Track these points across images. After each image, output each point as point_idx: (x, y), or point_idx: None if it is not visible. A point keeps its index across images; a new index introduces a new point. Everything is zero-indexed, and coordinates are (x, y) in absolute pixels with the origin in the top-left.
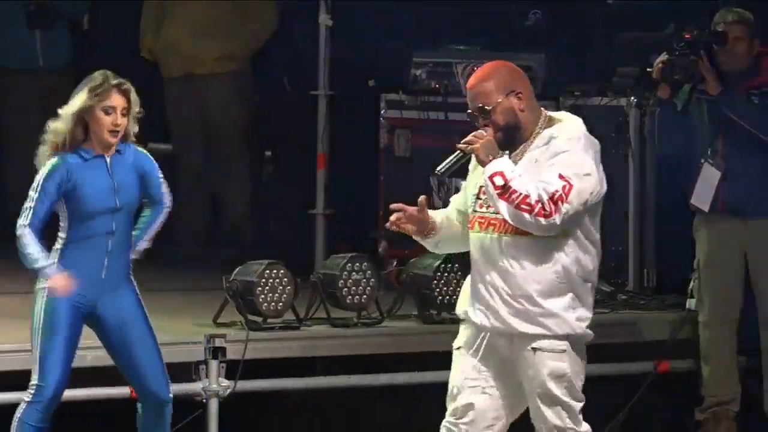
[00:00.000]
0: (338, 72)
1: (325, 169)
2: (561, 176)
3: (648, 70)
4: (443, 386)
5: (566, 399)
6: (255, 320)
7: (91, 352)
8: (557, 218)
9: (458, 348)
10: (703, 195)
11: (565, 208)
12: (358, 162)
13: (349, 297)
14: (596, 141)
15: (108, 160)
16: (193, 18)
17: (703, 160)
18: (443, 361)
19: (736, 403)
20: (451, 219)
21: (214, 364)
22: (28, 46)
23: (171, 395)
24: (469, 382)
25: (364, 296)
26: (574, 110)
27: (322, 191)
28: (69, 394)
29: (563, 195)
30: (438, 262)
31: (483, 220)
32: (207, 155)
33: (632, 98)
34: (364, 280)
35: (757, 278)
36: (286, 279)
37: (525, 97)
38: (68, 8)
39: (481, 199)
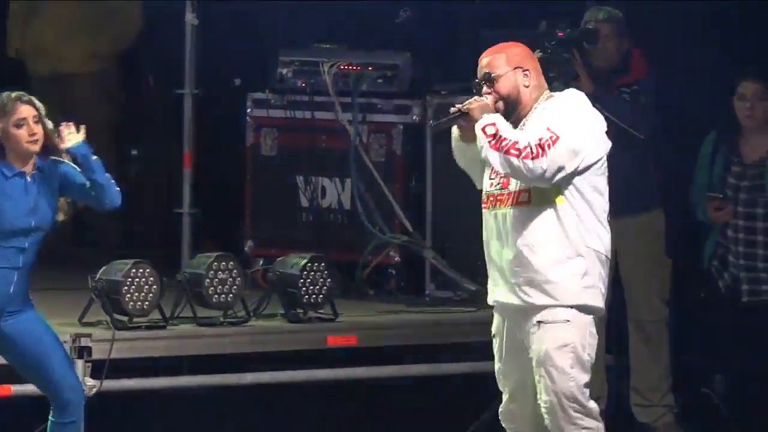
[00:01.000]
0: (205, 71)
1: (191, 168)
2: (549, 129)
3: None
4: (310, 385)
5: (571, 370)
6: (121, 319)
7: None
8: (543, 162)
9: (493, 335)
10: None
11: (551, 155)
12: (225, 161)
13: (216, 296)
14: (599, 115)
15: (27, 178)
16: (59, 17)
17: None
18: (311, 359)
19: (602, 401)
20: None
21: (79, 364)
22: None
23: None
24: (502, 368)
25: (231, 295)
26: (441, 109)
27: (188, 190)
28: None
29: (550, 142)
30: (304, 261)
31: (492, 198)
32: None
33: None
34: (231, 279)
35: (626, 277)
36: (152, 278)
37: (531, 76)
38: None
39: (491, 179)
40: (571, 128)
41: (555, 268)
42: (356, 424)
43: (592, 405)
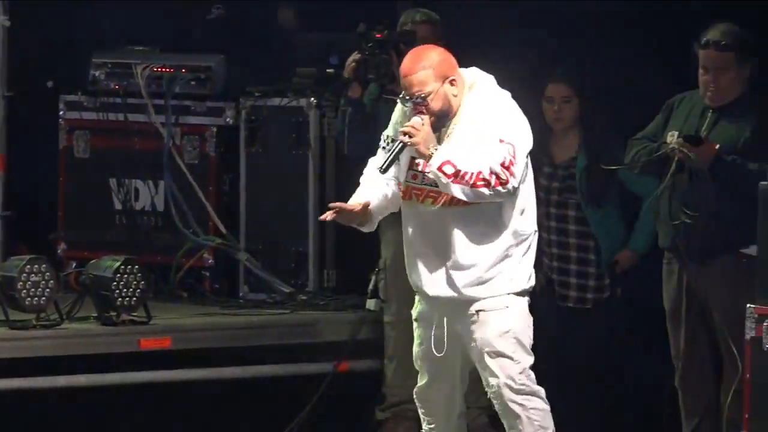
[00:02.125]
0: (17, 73)
1: (3, 170)
2: (501, 141)
3: (328, 71)
4: (126, 387)
5: (515, 355)
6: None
7: None
8: (514, 181)
9: (416, 320)
10: None
11: (517, 168)
12: (38, 163)
13: (28, 299)
14: (507, 92)
15: None
16: None
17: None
18: (121, 361)
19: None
20: (383, 195)
21: None
22: None
23: None
24: (428, 355)
25: (43, 298)
26: (255, 111)
27: (1, 193)
28: None
29: (512, 159)
30: (118, 264)
31: (419, 192)
32: None
33: (312, 99)
34: (43, 282)
35: None
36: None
37: (457, 82)
38: None
39: (413, 170)
40: (515, 127)
41: (493, 260)
42: (171, 427)
43: (538, 387)
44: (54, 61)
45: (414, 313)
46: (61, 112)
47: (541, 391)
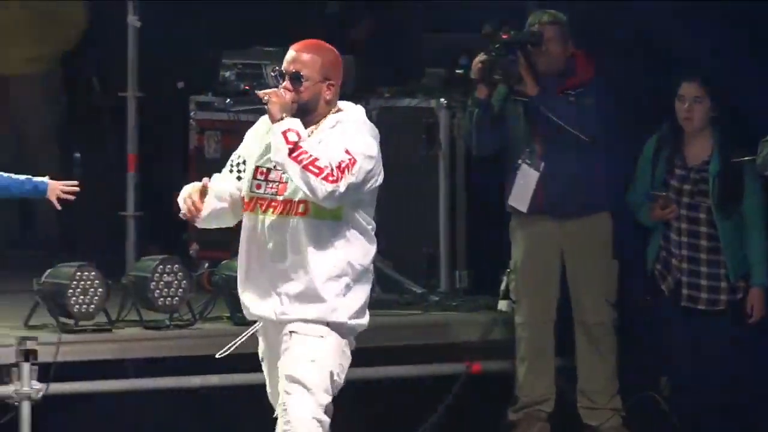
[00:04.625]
0: (148, 73)
1: (135, 170)
2: (347, 151)
3: (457, 72)
4: (253, 388)
5: (313, 385)
6: (66, 323)
7: None
8: (341, 186)
9: (261, 360)
10: (520, 196)
11: (348, 178)
12: (169, 164)
13: (161, 299)
14: (377, 132)
15: None
16: (2, 19)
17: (520, 161)
18: (253, 362)
19: (549, 403)
20: (228, 193)
21: (25, 367)
22: None
23: None
24: (273, 393)
25: (176, 298)
26: (384, 111)
27: (132, 193)
28: None
29: (349, 165)
30: None
31: (263, 202)
32: (16, 156)
33: (441, 99)
34: (176, 282)
35: (572, 278)
36: (97, 281)
37: (333, 91)
38: None
39: (258, 179)
40: (366, 152)
41: (322, 284)
42: None
43: (325, 419)
44: (184, 62)
45: (259, 352)
46: (191, 113)
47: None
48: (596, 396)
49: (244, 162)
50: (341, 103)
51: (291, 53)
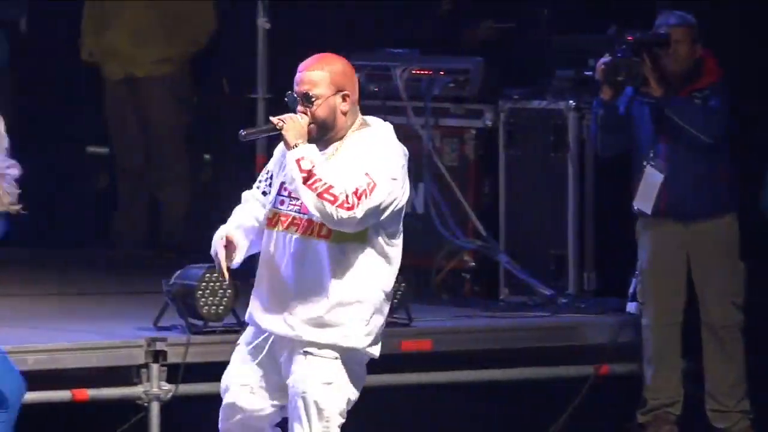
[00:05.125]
0: (278, 75)
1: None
2: (367, 174)
3: (586, 73)
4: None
5: (327, 408)
6: (196, 323)
7: (32, 356)
8: (358, 212)
9: (238, 344)
10: (645, 198)
11: (366, 204)
12: None
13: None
14: (406, 151)
15: None
16: (132, 20)
17: (645, 163)
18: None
19: (678, 406)
20: (250, 225)
21: (155, 368)
22: None
23: None
24: (240, 379)
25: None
26: (513, 113)
27: None
28: None
29: (366, 191)
30: None
31: (285, 218)
32: (146, 158)
33: (571, 101)
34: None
35: (699, 281)
36: (226, 282)
37: (350, 101)
38: (5, 10)
39: (282, 195)
40: (388, 174)
41: (340, 309)
42: (426, 427)
43: None
44: None
45: (242, 338)
46: None
47: None
48: (724, 398)
49: (271, 177)
50: (369, 119)
51: (299, 74)
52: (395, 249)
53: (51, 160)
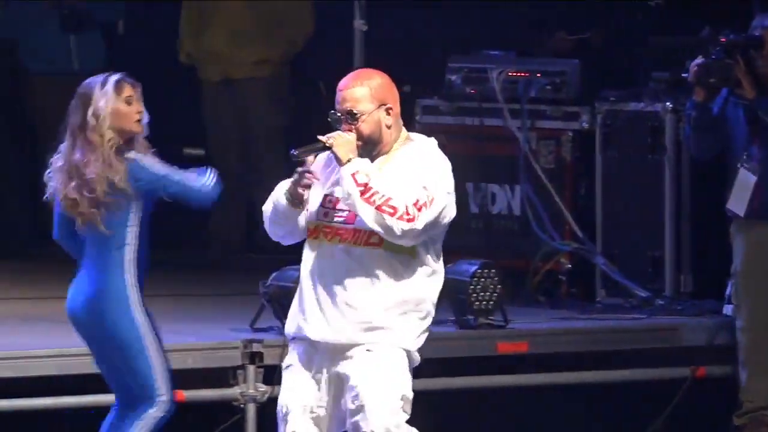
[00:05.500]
0: None
1: None
2: (425, 187)
3: (683, 75)
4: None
5: (394, 406)
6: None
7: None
8: (418, 224)
9: (288, 366)
10: (739, 200)
11: (426, 215)
12: None
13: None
14: (450, 163)
15: None
16: (230, 22)
17: (739, 165)
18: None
19: None
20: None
21: (251, 369)
22: (63, 50)
23: None
24: (299, 401)
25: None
26: (610, 115)
27: None
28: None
29: (426, 203)
30: (474, 268)
31: (329, 230)
32: (243, 160)
33: (667, 103)
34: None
35: None
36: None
37: (394, 114)
38: (102, 12)
39: (325, 207)
40: (443, 189)
41: (391, 313)
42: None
43: None
44: (410, 66)
45: (288, 359)
46: (417, 117)
47: None
48: None
49: (310, 172)
50: (412, 134)
51: (339, 93)
52: (440, 265)
53: None
